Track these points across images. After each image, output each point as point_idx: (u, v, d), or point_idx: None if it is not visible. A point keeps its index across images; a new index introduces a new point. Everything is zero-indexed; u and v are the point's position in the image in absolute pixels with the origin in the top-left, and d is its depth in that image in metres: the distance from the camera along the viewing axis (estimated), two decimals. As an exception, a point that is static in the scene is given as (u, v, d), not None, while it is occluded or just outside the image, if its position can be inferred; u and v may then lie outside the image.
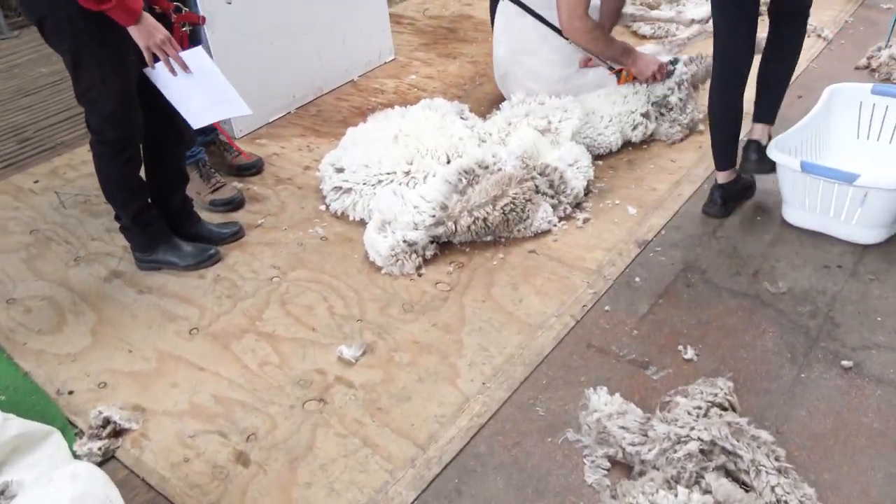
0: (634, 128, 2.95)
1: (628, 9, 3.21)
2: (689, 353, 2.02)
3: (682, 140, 3.01)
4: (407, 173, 2.63)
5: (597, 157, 2.92)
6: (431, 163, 2.65)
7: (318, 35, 3.60)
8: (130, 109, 2.25)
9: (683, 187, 2.73)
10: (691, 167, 2.85)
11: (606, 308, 2.21)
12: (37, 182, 3.12)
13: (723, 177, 2.54)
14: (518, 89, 3.07)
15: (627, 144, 3.01)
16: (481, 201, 2.42)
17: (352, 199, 2.66)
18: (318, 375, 2.04)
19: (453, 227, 2.42)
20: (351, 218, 2.68)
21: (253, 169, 3.06)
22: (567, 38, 2.95)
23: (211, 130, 3.01)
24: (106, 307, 2.36)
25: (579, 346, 2.09)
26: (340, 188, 2.70)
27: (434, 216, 2.39)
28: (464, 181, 2.44)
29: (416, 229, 2.39)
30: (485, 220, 2.42)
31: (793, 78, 3.39)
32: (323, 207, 2.78)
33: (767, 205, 2.59)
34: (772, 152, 2.38)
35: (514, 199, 2.44)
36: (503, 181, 2.45)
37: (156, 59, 2.11)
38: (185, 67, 2.14)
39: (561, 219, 2.58)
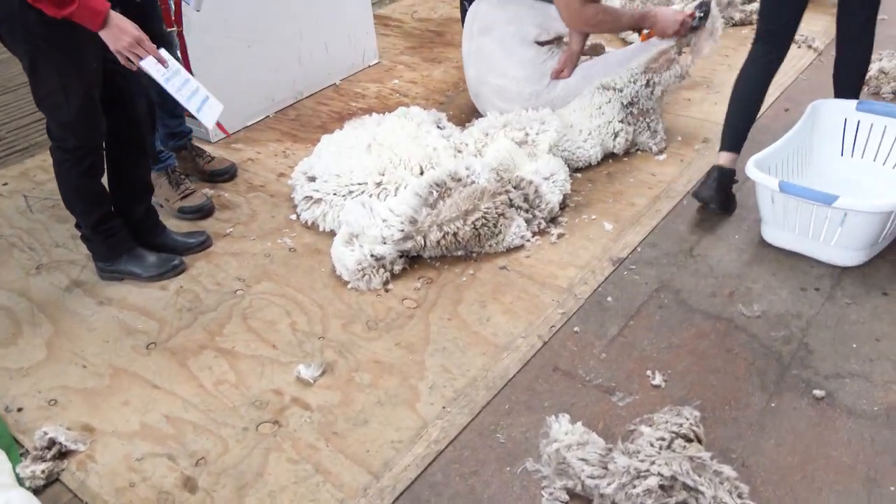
0: (615, 136, 2.88)
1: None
2: (658, 379, 1.96)
3: (665, 149, 2.95)
4: (378, 184, 2.56)
5: (576, 170, 2.86)
6: (404, 173, 2.58)
7: (300, 37, 3.54)
8: (93, 115, 2.19)
9: (662, 203, 2.66)
10: (671, 181, 2.78)
11: (575, 329, 2.15)
12: (5, 185, 3.06)
13: (725, 158, 2.50)
14: (490, 108, 3.01)
15: (609, 156, 2.94)
16: (452, 216, 2.35)
17: (322, 209, 2.60)
18: (275, 396, 1.98)
19: (422, 242, 2.35)
20: (321, 229, 2.61)
21: (226, 175, 3.00)
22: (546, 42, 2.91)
23: (184, 135, 2.95)
24: (64, 319, 2.30)
25: (545, 369, 2.03)
26: (311, 198, 2.64)
27: (403, 230, 2.33)
28: (434, 194, 2.38)
29: (385, 243, 2.33)
30: (455, 234, 2.36)
31: (781, 90, 3.37)
32: (294, 217, 2.72)
33: (746, 223, 2.52)
34: (750, 171, 2.31)
35: (485, 213, 2.38)
36: (475, 195, 2.39)
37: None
38: (163, 62, 2.07)
39: (535, 234, 2.52)
